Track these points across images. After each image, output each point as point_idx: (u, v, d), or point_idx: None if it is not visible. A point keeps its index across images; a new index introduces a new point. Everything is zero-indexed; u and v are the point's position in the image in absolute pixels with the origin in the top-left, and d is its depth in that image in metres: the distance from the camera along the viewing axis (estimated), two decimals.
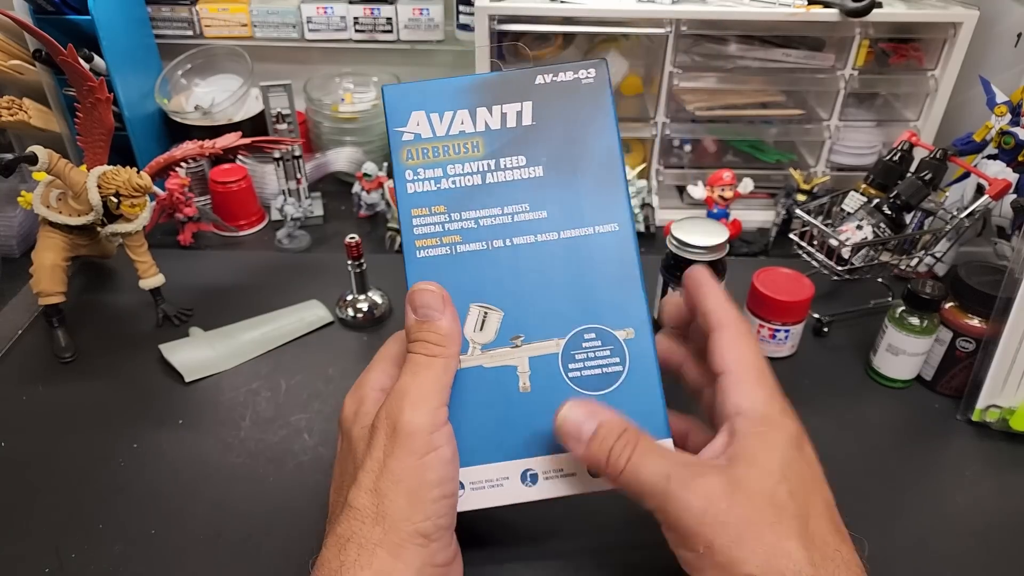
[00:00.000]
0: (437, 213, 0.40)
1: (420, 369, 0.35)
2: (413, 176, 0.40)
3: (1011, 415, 0.60)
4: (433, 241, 0.40)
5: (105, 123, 0.66)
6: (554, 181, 0.40)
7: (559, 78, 0.41)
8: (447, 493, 0.34)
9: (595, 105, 0.41)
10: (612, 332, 0.39)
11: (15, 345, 0.70)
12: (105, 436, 0.59)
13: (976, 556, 0.51)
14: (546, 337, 0.39)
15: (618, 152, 0.40)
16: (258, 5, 1.00)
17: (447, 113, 0.40)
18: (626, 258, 0.40)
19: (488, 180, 0.40)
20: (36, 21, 0.83)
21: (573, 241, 0.40)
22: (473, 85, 0.40)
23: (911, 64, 0.90)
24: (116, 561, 0.49)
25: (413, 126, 0.40)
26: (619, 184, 0.40)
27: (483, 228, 0.40)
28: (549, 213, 0.40)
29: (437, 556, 0.34)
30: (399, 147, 0.40)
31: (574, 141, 0.40)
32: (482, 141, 0.40)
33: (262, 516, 0.52)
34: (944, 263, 0.78)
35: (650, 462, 0.33)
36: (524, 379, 0.39)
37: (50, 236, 0.68)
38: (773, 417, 0.34)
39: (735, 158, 0.98)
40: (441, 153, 0.40)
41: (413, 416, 0.34)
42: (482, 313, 0.39)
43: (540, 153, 0.40)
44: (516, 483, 0.38)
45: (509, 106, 0.40)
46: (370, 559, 0.32)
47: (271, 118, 0.86)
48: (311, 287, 0.77)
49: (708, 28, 0.86)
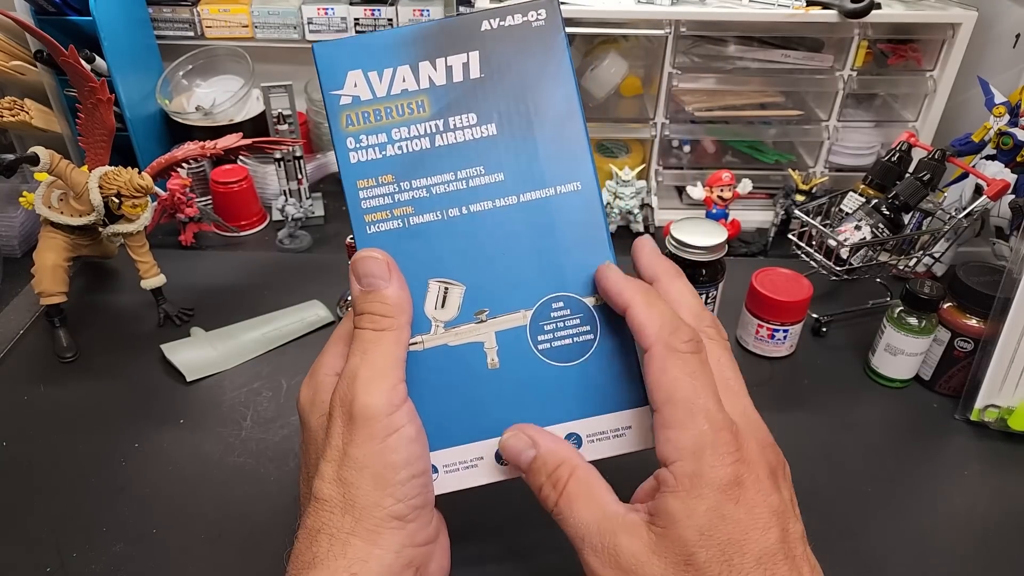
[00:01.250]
0: (385, 183, 0.37)
1: (369, 346, 0.33)
2: (355, 144, 0.37)
3: (1009, 415, 0.60)
4: (383, 214, 0.37)
5: (106, 124, 0.66)
6: (509, 139, 0.37)
7: (507, 22, 0.37)
8: (416, 472, 0.33)
9: (548, 50, 0.37)
10: (581, 299, 0.37)
11: (16, 345, 0.70)
12: (106, 436, 0.59)
13: (974, 555, 0.51)
14: (512, 309, 0.37)
15: (577, 102, 0.37)
16: (259, 6, 1.00)
17: (387, 71, 0.37)
18: (591, 219, 0.37)
19: (437, 143, 0.37)
20: (37, 22, 0.83)
21: (534, 204, 0.37)
22: (413, 37, 0.37)
23: (910, 65, 0.90)
24: (117, 561, 0.49)
25: (350, 88, 0.37)
26: (580, 139, 0.37)
27: (436, 197, 0.37)
28: (506, 175, 0.37)
29: (417, 536, 0.33)
30: (337, 112, 0.37)
31: (528, 93, 0.37)
32: (427, 99, 0.37)
33: (263, 516, 0.52)
34: (942, 263, 0.79)
35: (577, 510, 0.32)
36: (492, 355, 0.37)
37: (51, 236, 0.68)
38: (699, 473, 0.30)
39: (734, 159, 0.98)
40: (384, 116, 0.37)
41: (368, 398, 0.32)
42: (442, 289, 0.37)
43: (492, 109, 0.37)
44: (491, 462, 0.37)
45: (454, 58, 0.37)
46: (344, 548, 0.31)
47: (272, 119, 0.86)
48: (312, 287, 0.77)
49: (707, 29, 0.87)
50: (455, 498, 0.36)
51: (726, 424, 0.31)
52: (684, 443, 0.30)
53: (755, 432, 0.32)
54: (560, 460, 0.33)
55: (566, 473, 0.33)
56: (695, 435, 0.30)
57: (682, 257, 0.67)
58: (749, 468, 0.30)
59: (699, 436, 0.30)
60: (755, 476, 0.30)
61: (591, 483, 0.33)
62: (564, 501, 0.32)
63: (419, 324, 0.36)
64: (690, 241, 0.66)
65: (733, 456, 0.30)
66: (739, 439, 0.30)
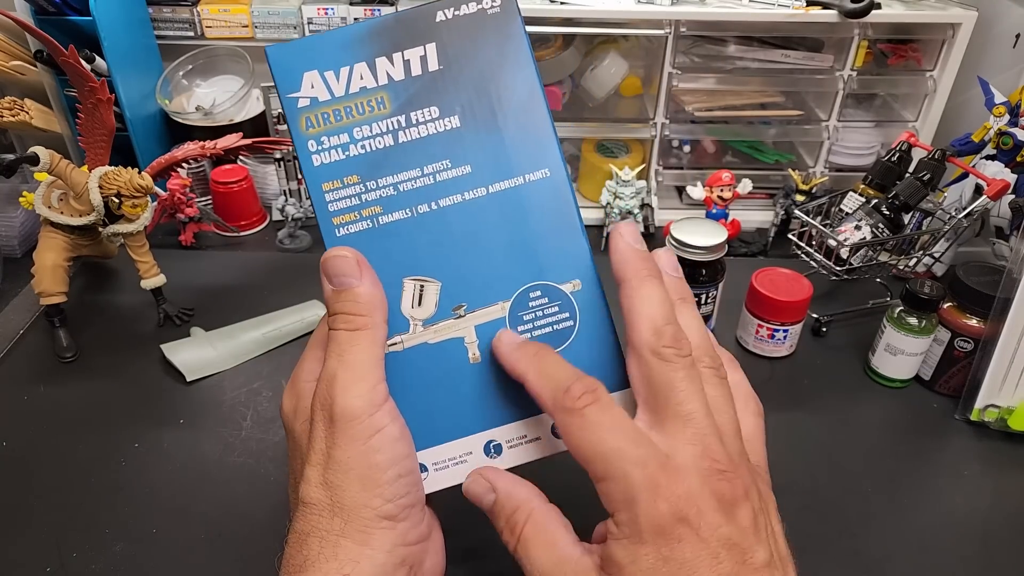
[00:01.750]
0: (351, 184, 0.36)
1: (345, 347, 0.33)
2: (317, 146, 0.36)
3: (1009, 414, 0.60)
4: (351, 216, 0.36)
5: (106, 124, 0.66)
6: (473, 131, 0.36)
7: (461, 11, 0.36)
8: (403, 472, 0.33)
9: (506, 37, 0.36)
10: (558, 287, 0.37)
11: (17, 345, 0.70)
12: (106, 435, 0.59)
13: (974, 555, 0.51)
14: (490, 302, 0.37)
15: (539, 88, 0.36)
16: (259, 6, 1.00)
17: (343, 69, 0.36)
18: (562, 206, 0.37)
19: (401, 139, 0.36)
20: (37, 22, 0.83)
21: (503, 194, 0.36)
22: (367, 33, 0.36)
23: (910, 65, 0.90)
24: (117, 560, 0.49)
25: (307, 89, 0.36)
26: (544, 124, 0.37)
27: (404, 194, 0.36)
28: (473, 167, 0.36)
29: (408, 535, 0.33)
30: (296, 116, 0.36)
31: (489, 82, 0.36)
32: (387, 96, 0.36)
33: (263, 516, 0.52)
34: (942, 263, 0.79)
35: (533, 555, 0.32)
36: (473, 349, 0.37)
37: (52, 236, 0.68)
38: (634, 521, 0.29)
39: (734, 159, 0.98)
40: (344, 116, 0.36)
41: (347, 401, 0.32)
42: (418, 287, 0.36)
43: (453, 101, 0.36)
44: (480, 456, 0.37)
45: (411, 51, 0.36)
46: (334, 550, 0.31)
47: (272, 119, 0.86)
48: (312, 287, 0.77)
49: (707, 29, 0.87)
50: (450, 494, 0.36)
51: (656, 461, 0.29)
52: (614, 495, 0.29)
53: (700, 459, 0.30)
54: (516, 505, 0.33)
55: (522, 518, 0.33)
56: (622, 485, 0.29)
57: (682, 257, 0.67)
58: (689, 503, 0.28)
59: (626, 486, 0.29)
60: (697, 510, 0.28)
61: (547, 526, 0.32)
62: (521, 546, 0.32)
63: (397, 324, 0.36)
64: (690, 241, 0.66)
65: (667, 495, 0.28)
66: (673, 475, 0.29)
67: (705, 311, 0.70)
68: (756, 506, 0.30)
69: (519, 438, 0.37)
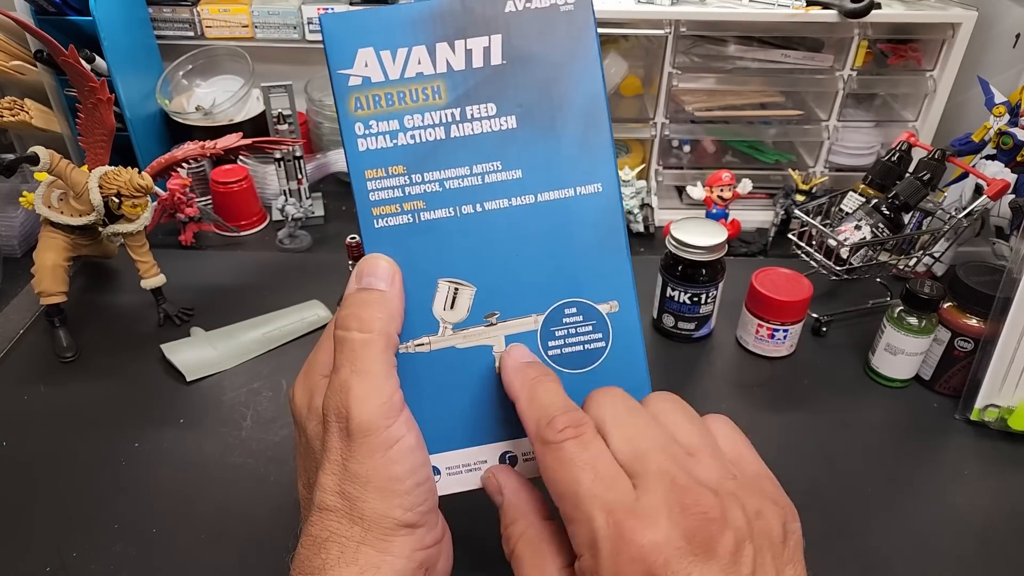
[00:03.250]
0: (395, 175, 0.35)
1: (358, 354, 0.32)
2: (364, 130, 0.34)
3: (1009, 414, 0.60)
4: (393, 208, 0.35)
5: (106, 124, 0.66)
6: (529, 134, 0.35)
7: (533, 4, 0.34)
8: (421, 480, 0.32)
9: (577, 39, 0.35)
10: (595, 306, 0.36)
11: (16, 345, 0.70)
12: (107, 436, 0.59)
13: (974, 554, 0.51)
14: (523, 313, 0.35)
15: (603, 99, 0.35)
16: (259, 6, 1.00)
17: (401, 50, 0.34)
18: (611, 224, 0.35)
19: (453, 133, 0.34)
20: (37, 22, 0.83)
21: (551, 205, 0.35)
22: (431, 14, 0.34)
23: (910, 65, 0.90)
24: (117, 560, 0.49)
25: (361, 67, 0.34)
26: (604, 137, 0.35)
27: (449, 192, 0.35)
28: (524, 172, 0.35)
29: (426, 539, 0.32)
30: (345, 95, 0.34)
31: (552, 85, 0.35)
32: (444, 85, 0.34)
33: (264, 516, 0.52)
34: (942, 263, 0.79)
35: (524, 571, 0.31)
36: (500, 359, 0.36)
37: (52, 236, 0.68)
38: (596, 569, 0.27)
39: (734, 158, 0.98)
40: (396, 101, 0.34)
41: (364, 414, 0.31)
42: (452, 289, 0.35)
43: (513, 100, 0.34)
44: (494, 465, 0.36)
45: (475, 41, 0.34)
46: (355, 556, 0.31)
47: (272, 119, 0.86)
48: (312, 287, 0.77)
49: (707, 29, 0.87)
50: (455, 499, 0.36)
51: (624, 506, 0.27)
52: (579, 539, 0.28)
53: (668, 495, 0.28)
54: (514, 517, 0.33)
55: (516, 533, 0.32)
56: (586, 530, 0.28)
57: (682, 257, 0.67)
58: (655, 553, 0.27)
59: (590, 530, 0.28)
60: (663, 560, 0.26)
61: (539, 548, 0.32)
62: (514, 560, 0.32)
63: (427, 325, 0.35)
64: (690, 241, 0.66)
65: (630, 546, 0.27)
66: (639, 521, 0.27)
67: (705, 311, 0.70)
68: (741, 531, 0.28)
69: (534, 453, 0.37)
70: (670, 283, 0.69)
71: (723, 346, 0.72)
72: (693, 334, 0.71)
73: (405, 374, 0.34)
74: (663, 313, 0.71)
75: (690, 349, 0.71)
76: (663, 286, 0.70)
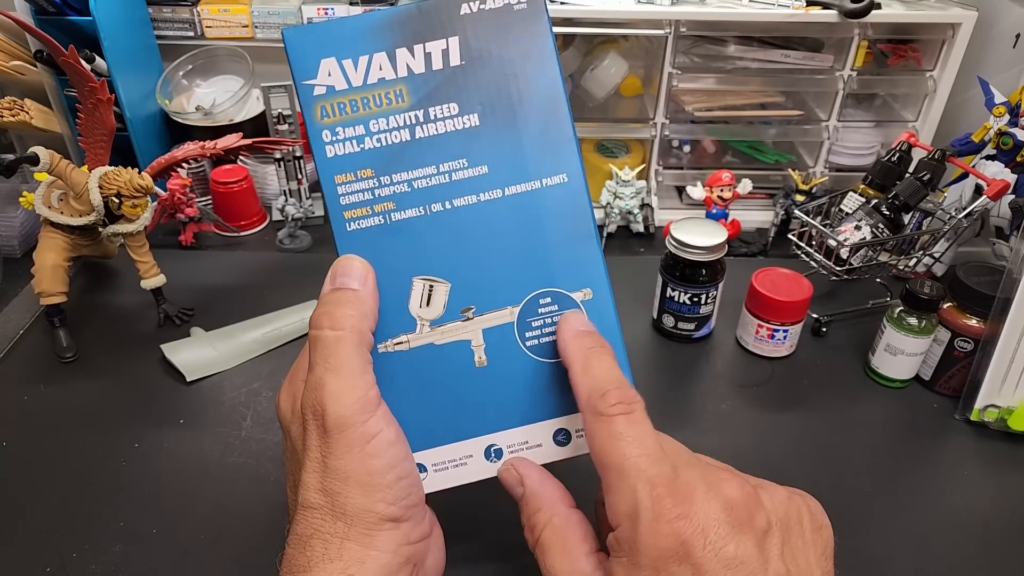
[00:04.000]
0: (364, 178, 0.36)
1: (331, 351, 0.32)
2: (332, 137, 0.35)
3: (1009, 415, 0.60)
4: (363, 211, 0.36)
5: (106, 124, 0.66)
6: (492, 130, 0.36)
7: (487, 5, 0.35)
8: (402, 474, 0.33)
9: (531, 35, 0.35)
10: (568, 294, 0.36)
11: (16, 345, 0.70)
12: (106, 436, 0.59)
13: (975, 555, 0.51)
14: (499, 306, 0.36)
15: (562, 90, 0.36)
16: (259, 6, 1.00)
17: (362, 58, 0.35)
18: (578, 213, 0.36)
19: (418, 134, 0.35)
20: (37, 22, 0.83)
21: (519, 198, 0.36)
22: (388, 21, 0.35)
23: (910, 65, 0.90)
24: (117, 561, 0.49)
25: (324, 77, 0.35)
26: (566, 129, 0.36)
27: (418, 191, 0.36)
28: (490, 168, 0.36)
29: (411, 534, 0.33)
30: (311, 103, 0.35)
31: (511, 81, 0.35)
32: (406, 89, 0.35)
33: (263, 516, 0.52)
34: (942, 263, 0.79)
35: (549, 560, 0.32)
36: (479, 353, 0.36)
37: (51, 236, 0.68)
38: (635, 539, 0.28)
39: (734, 159, 0.98)
40: (361, 107, 0.35)
41: (338, 409, 0.31)
42: (427, 286, 0.36)
43: (474, 98, 0.35)
44: (480, 460, 0.37)
45: (433, 44, 0.35)
46: (339, 552, 0.31)
47: (272, 119, 0.86)
48: (312, 287, 0.77)
49: (707, 29, 0.87)
50: (449, 493, 0.36)
51: (666, 481, 0.29)
52: (620, 508, 0.29)
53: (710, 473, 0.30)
54: (538, 507, 0.33)
55: (542, 521, 0.33)
56: (629, 500, 0.29)
57: (682, 257, 0.67)
58: (692, 523, 0.28)
59: (633, 500, 0.29)
60: (700, 529, 0.28)
61: (566, 535, 0.32)
62: (539, 549, 0.32)
63: (404, 323, 0.36)
64: (690, 241, 0.66)
65: (670, 517, 0.28)
66: (680, 494, 0.28)
67: (705, 311, 0.70)
68: (773, 514, 0.29)
69: (520, 444, 0.37)
70: (670, 283, 0.69)
71: (723, 346, 0.72)
72: (693, 334, 0.71)
73: (385, 373, 0.34)
74: (663, 313, 0.71)
75: (690, 349, 0.71)
76: (663, 286, 0.70)
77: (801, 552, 0.30)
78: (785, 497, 0.31)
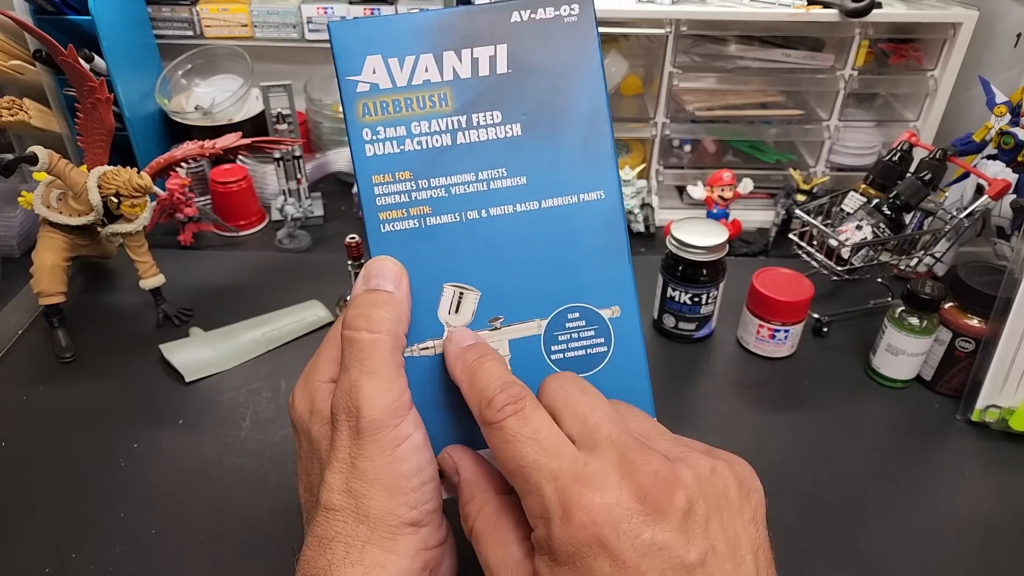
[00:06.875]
0: (402, 180, 0.35)
1: (368, 354, 0.32)
2: (372, 136, 0.35)
3: (1010, 415, 0.60)
4: (399, 213, 0.35)
5: (105, 123, 0.66)
6: (533, 141, 0.35)
7: (538, 15, 0.35)
8: (427, 479, 0.33)
9: (579, 49, 0.35)
10: (597, 311, 0.36)
11: (15, 345, 0.70)
12: (105, 436, 0.59)
13: (975, 556, 0.51)
14: (527, 318, 0.36)
15: (605, 107, 0.36)
16: (258, 5, 1.00)
17: (408, 58, 0.35)
18: (613, 230, 0.36)
19: (459, 140, 0.35)
20: (36, 21, 0.83)
21: (555, 211, 0.36)
22: (437, 23, 0.35)
23: (911, 64, 0.90)
24: (116, 561, 0.49)
25: (369, 74, 0.35)
26: (606, 145, 0.36)
27: (455, 197, 0.35)
28: (529, 179, 0.36)
29: (430, 539, 0.33)
30: (353, 100, 0.35)
31: (556, 93, 0.35)
32: (451, 93, 0.35)
33: (263, 517, 0.52)
34: (944, 263, 0.79)
35: (482, 548, 0.32)
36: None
37: (50, 236, 0.68)
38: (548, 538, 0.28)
39: (735, 158, 0.98)
40: (404, 108, 0.35)
41: (373, 411, 0.31)
42: (457, 293, 0.36)
43: (518, 108, 0.35)
44: None
45: (481, 50, 0.35)
46: (360, 555, 0.31)
47: (271, 118, 0.86)
48: (311, 287, 0.77)
49: (708, 28, 0.86)
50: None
51: (570, 472, 0.28)
52: (533, 510, 0.29)
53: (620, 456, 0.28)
54: (472, 495, 0.33)
55: (475, 511, 0.33)
56: (538, 501, 0.28)
57: (683, 257, 0.67)
58: (604, 514, 0.27)
59: (541, 500, 0.28)
60: (612, 520, 0.27)
61: (499, 522, 0.32)
62: (474, 537, 0.32)
63: (432, 328, 0.36)
64: (691, 241, 0.66)
65: (579, 510, 0.27)
66: (587, 485, 0.27)
67: (706, 311, 0.69)
68: (692, 490, 0.28)
69: None
70: (671, 283, 0.68)
71: (724, 346, 0.72)
72: (694, 334, 0.71)
73: (410, 378, 0.34)
74: (664, 313, 0.71)
75: (691, 349, 0.71)
76: (664, 286, 0.69)
77: (729, 523, 0.29)
78: (708, 470, 0.30)
